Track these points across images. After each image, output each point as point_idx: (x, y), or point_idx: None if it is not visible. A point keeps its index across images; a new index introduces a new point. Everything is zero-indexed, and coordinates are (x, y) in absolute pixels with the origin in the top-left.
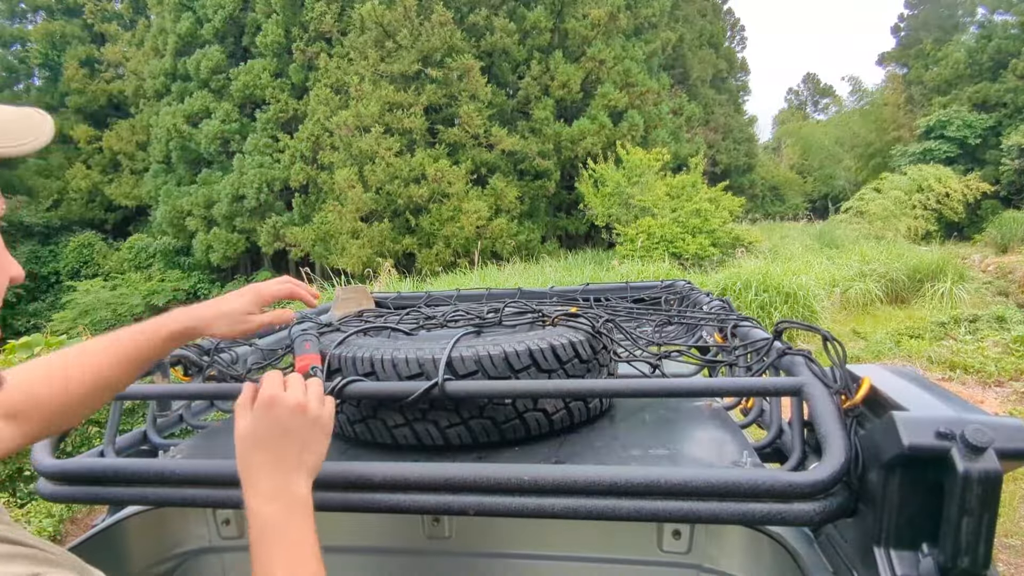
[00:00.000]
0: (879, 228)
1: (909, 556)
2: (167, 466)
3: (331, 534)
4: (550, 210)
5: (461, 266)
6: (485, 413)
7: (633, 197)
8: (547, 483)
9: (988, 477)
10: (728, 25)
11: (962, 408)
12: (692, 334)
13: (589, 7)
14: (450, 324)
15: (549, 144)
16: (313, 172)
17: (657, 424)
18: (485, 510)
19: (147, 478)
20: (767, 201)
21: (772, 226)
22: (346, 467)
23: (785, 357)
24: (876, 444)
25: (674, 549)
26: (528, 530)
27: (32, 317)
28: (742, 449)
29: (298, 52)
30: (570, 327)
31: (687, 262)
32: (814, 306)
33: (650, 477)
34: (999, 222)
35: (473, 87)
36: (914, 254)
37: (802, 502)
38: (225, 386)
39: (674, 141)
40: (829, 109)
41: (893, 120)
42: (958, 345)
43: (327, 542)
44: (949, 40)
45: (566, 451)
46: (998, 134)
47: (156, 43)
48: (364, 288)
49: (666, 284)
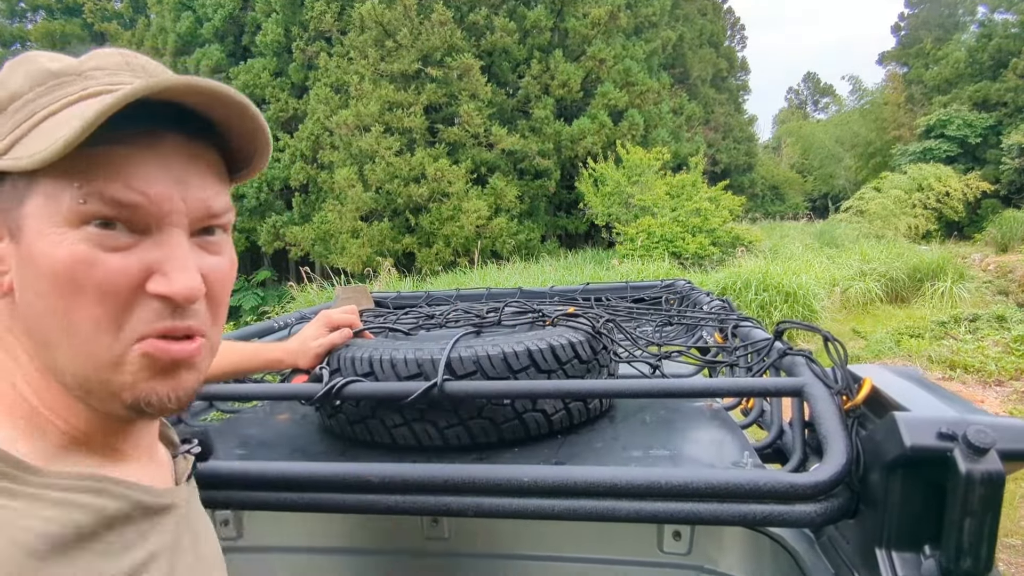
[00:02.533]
0: (879, 227)
1: (911, 557)
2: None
3: (329, 535)
4: (550, 209)
5: (461, 265)
6: (484, 414)
7: (633, 196)
8: (547, 484)
9: (990, 478)
10: (728, 24)
11: (964, 409)
12: (692, 334)
13: (589, 6)
14: (449, 324)
15: (549, 143)
16: (313, 171)
17: (657, 425)
18: (484, 511)
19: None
20: (767, 200)
21: (772, 225)
22: (344, 468)
23: (786, 357)
24: (877, 445)
25: (674, 550)
26: (527, 531)
27: None
28: (743, 450)
29: (298, 51)
30: (570, 327)
31: (687, 261)
32: (814, 305)
33: (650, 478)
34: (999, 221)
35: (473, 86)
36: (914, 253)
37: (803, 503)
38: (228, 387)
39: (674, 140)
40: (829, 108)
41: (893, 119)
42: (958, 344)
43: (326, 543)
44: (949, 39)
45: (566, 452)
46: (998, 133)
47: (156, 42)
48: (364, 288)
49: (666, 284)
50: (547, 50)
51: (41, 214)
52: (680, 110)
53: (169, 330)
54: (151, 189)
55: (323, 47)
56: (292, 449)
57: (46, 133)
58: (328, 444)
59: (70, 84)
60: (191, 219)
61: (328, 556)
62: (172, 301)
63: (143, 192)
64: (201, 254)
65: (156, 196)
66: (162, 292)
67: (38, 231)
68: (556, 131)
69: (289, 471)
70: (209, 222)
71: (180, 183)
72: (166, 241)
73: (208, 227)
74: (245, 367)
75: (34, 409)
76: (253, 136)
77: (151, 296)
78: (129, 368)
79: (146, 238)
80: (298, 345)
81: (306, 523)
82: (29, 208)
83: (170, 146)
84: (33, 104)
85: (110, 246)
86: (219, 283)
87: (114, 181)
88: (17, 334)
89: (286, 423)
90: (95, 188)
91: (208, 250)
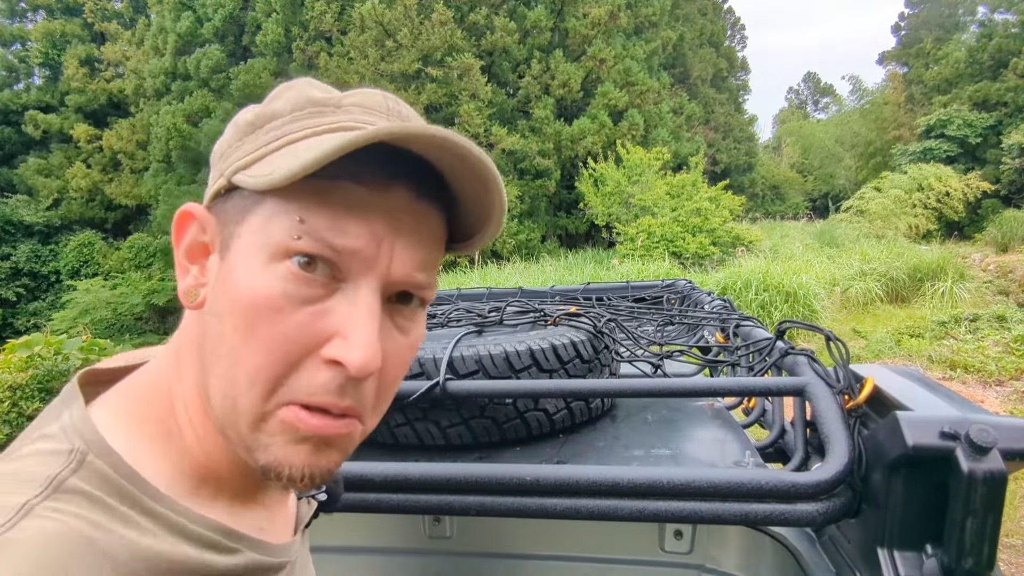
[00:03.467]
0: (879, 227)
1: (913, 557)
2: None
3: (332, 534)
4: (550, 209)
5: (461, 265)
6: (486, 413)
7: (633, 196)
8: (549, 483)
9: (992, 477)
10: (728, 24)
11: (966, 408)
12: (693, 334)
13: (589, 6)
14: (451, 323)
15: (549, 143)
16: None
17: (659, 424)
18: (486, 510)
19: None
20: (767, 200)
21: (772, 225)
22: (347, 467)
23: (787, 357)
24: (879, 444)
25: (676, 549)
26: (529, 530)
27: (32, 316)
28: (744, 449)
29: (298, 51)
30: (572, 327)
31: (687, 261)
32: (814, 305)
33: (652, 477)
34: (999, 221)
35: (473, 86)
36: (914, 253)
37: (805, 503)
38: None
39: (674, 140)
40: (830, 108)
41: (893, 119)
42: (959, 344)
43: (329, 542)
44: (950, 39)
45: (568, 451)
46: (998, 133)
47: (156, 42)
48: None
49: (667, 283)
50: (547, 50)
51: (254, 236)
52: (680, 110)
53: (328, 405)
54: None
55: (323, 47)
56: None
57: (287, 156)
58: None
59: (327, 115)
60: (392, 280)
61: (330, 555)
62: (343, 371)
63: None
64: (390, 328)
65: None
66: (337, 358)
67: (245, 253)
68: (556, 131)
69: None
70: (408, 287)
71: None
72: (359, 299)
73: (405, 293)
74: None
75: (181, 430)
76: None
77: (322, 361)
78: (271, 427)
79: (340, 288)
80: None
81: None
82: (246, 227)
83: (401, 199)
84: (286, 127)
85: (304, 296)
86: (396, 365)
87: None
88: (194, 350)
89: None
90: (314, 226)
91: (397, 323)
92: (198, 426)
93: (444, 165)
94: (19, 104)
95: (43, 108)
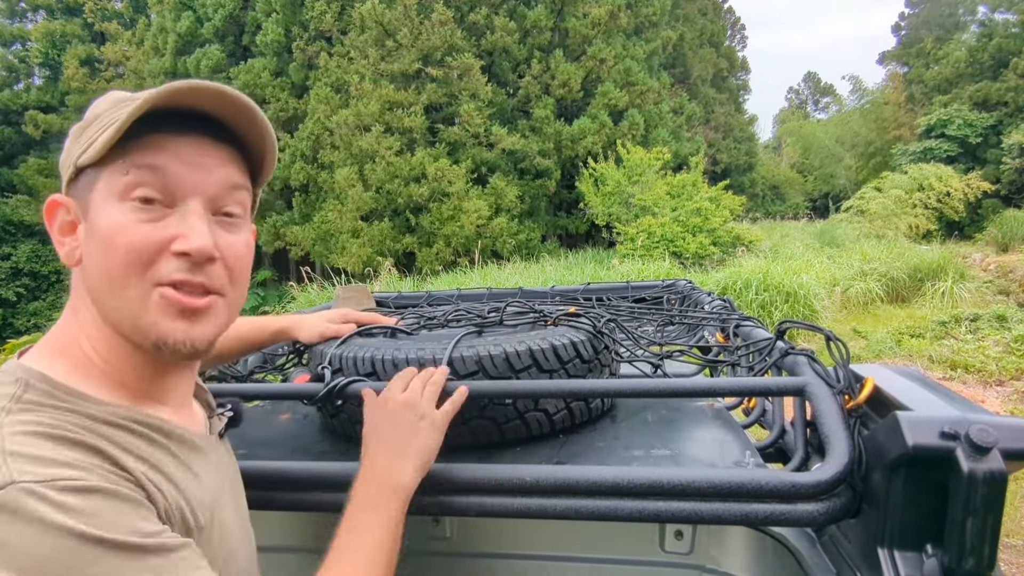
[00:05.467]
0: (879, 227)
1: (913, 557)
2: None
3: (331, 535)
4: (550, 209)
5: (461, 265)
6: (486, 413)
7: (633, 196)
8: (549, 484)
9: (993, 477)
10: (728, 24)
11: (966, 408)
12: (694, 334)
13: (590, 6)
14: (451, 324)
15: (549, 143)
16: (313, 171)
17: (659, 424)
18: (486, 511)
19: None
20: (768, 200)
21: (772, 225)
22: (347, 467)
23: (788, 357)
24: (880, 444)
25: (676, 550)
26: (529, 530)
27: (33, 316)
28: (744, 449)
29: (298, 51)
30: (571, 327)
31: (687, 261)
32: (814, 305)
33: (652, 478)
34: (1000, 221)
35: (473, 86)
36: (915, 253)
37: (805, 503)
38: (230, 386)
39: (674, 140)
40: (830, 108)
41: (894, 119)
42: (959, 344)
43: (327, 544)
44: (950, 39)
45: (567, 451)
46: (999, 133)
47: (156, 42)
48: (365, 288)
49: (667, 283)
50: (547, 50)
51: (102, 194)
52: (680, 110)
53: (184, 281)
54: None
55: (323, 47)
56: (293, 449)
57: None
58: (330, 444)
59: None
60: (210, 195)
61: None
62: (190, 258)
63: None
64: (219, 230)
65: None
66: (181, 249)
67: (98, 206)
68: (556, 131)
69: (290, 471)
70: (226, 200)
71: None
72: (189, 213)
73: (228, 212)
74: (255, 338)
75: (88, 356)
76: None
77: (174, 254)
78: (152, 308)
79: (174, 212)
80: (306, 318)
81: (307, 523)
82: (96, 193)
83: (196, 138)
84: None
85: (145, 218)
86: (235, 257)
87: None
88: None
89: (287, 422)
90: (134, 160)
91: (226, 228)
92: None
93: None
94: (19, 104)
95: (43, 108)
